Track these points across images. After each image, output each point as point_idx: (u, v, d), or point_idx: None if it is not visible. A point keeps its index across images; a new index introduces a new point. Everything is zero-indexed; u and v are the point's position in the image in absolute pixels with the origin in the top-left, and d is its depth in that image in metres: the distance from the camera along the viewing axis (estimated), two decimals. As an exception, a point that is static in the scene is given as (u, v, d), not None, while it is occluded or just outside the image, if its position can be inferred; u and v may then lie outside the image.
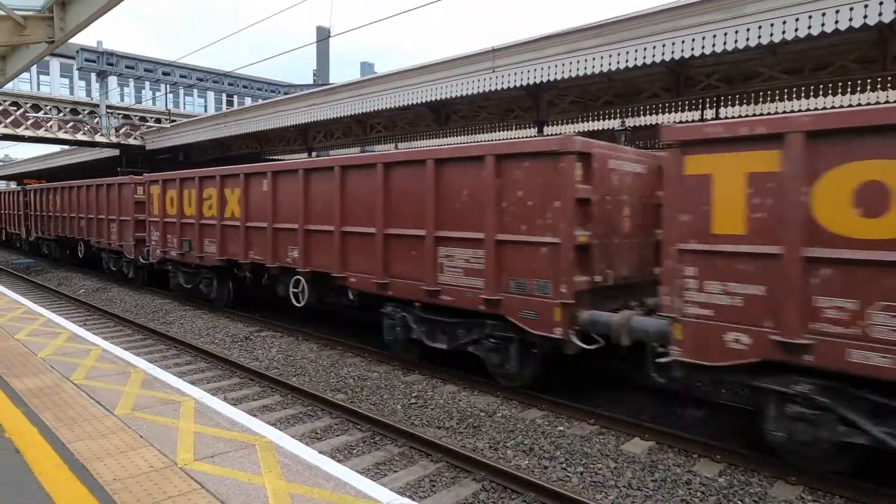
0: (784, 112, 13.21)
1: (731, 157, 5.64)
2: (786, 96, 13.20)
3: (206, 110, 50.22)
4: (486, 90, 12.92)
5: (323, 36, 45.06)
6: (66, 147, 33.85)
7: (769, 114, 13.44)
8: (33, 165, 45.38)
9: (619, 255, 7.69)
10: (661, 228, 6.17)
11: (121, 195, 17.38)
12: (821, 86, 12.32)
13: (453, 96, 13.68)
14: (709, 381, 7.04)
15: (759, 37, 8.90)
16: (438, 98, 13.99)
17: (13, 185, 40.32)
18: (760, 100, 13.53)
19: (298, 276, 10.99)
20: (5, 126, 23.73)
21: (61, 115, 25.20)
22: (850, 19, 8.06)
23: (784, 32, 8.65)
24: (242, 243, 12.26)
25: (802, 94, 13.04)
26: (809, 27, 8.41)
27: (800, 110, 12.97)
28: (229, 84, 29.18)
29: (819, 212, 5.18)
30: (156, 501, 3.55)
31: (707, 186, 5.78)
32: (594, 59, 10.94)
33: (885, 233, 4.83)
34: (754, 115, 13.73)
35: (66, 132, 25.37)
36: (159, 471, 3.96)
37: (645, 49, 10.23)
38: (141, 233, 16.24)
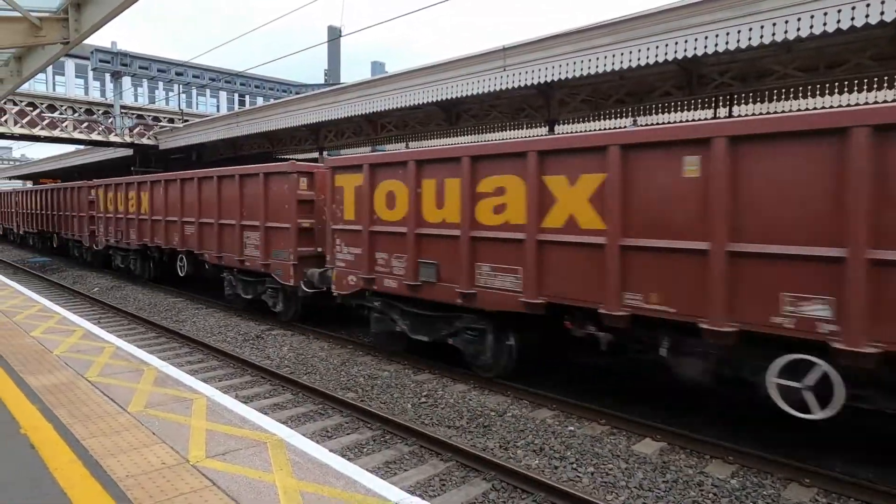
0: (800, 110, 13.06)
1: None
2: (800, 94, 13.04)
3: (218, 110, 50.58)
4: (497, 89, 12.89)
5: (334, 35, 45.20)
6: (81, 147, 34.25)
7: (785, 111, 13.30)
8: (49, 165, 45.97)
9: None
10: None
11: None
12: (836, 83, 12.16)
13: (464, 95, 13.67)
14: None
15: (774, 34, 8.80)
16: (449, 97, 13.99)
17: (29, 184, 40.91)
18: (775, 98, 13.37)
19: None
20: (22, 126, 24.04)
21: (76, 115, 25.49)
22: (867, 16, 7.94)
23: (799, 29, 8.55)
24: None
25: (818, 92, 12.87)
26: (825, 24, 8.30)
27: (815, 108, 12.80)
28: (241, 84, 29.36)
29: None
30: (168, 498, 3.58)
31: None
32: (605, 57, 10.88)
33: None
34: (768, 112, 13.58)
35: (81, 132, 25.66)
36: (171, 468, 3.99)
37: (657, 47, 10.16)
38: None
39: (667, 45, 10.03)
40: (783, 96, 13.24)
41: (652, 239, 6.22)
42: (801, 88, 12.80)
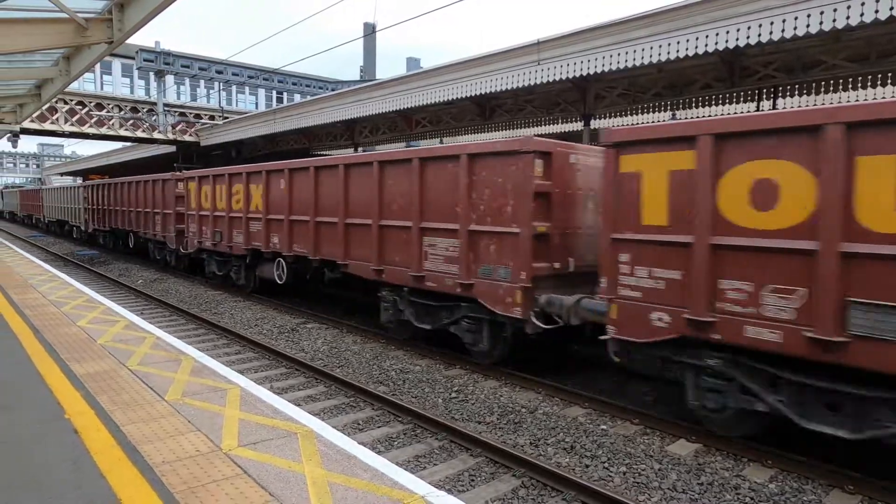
0: (848, 101, 12.52)
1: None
2: (850, 86, 12.51)
3: (256, 107, 51.56)
4: (531, 83, 12.76)
5: (369, 32, 45.50)
6: (127, 144, 35.44)
7: (830, 104, 12.78)
8: (96, 162, 47.73)
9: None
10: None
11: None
12: (889, 74, 11.62)
13: (498, 90, 13.59)
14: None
15: (822, 23, 8.45)
16: (483, 92, 13.92)
17: (79, 181, 42.26)
18: (822, 90, 12.86)
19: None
20: (71, 124, 25.01)
21: (122, 113, 26.36)
22: (923, 2, 7.56)
23: (848, 17, 8.19)
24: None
25: (868, 84, 12.32)
26: (877, 11, 7.93)
27: (865, 99, 12.26)
28: (279, 81, 29.84)
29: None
30: (201, 484, 3.67)
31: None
32: (644, 49, 10.65)
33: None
34: (814, 104, 13.08)
35: (126, 130, 26.55)
36: (205, 455, 4.09)
37: (697, 38, 9.88)
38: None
39: (707, 37, 9.74)
40: (831, 88, 12.72)
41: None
42: (850, 80, 12.27)
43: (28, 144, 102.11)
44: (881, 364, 4.84)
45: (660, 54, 10.40)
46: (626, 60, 10.90)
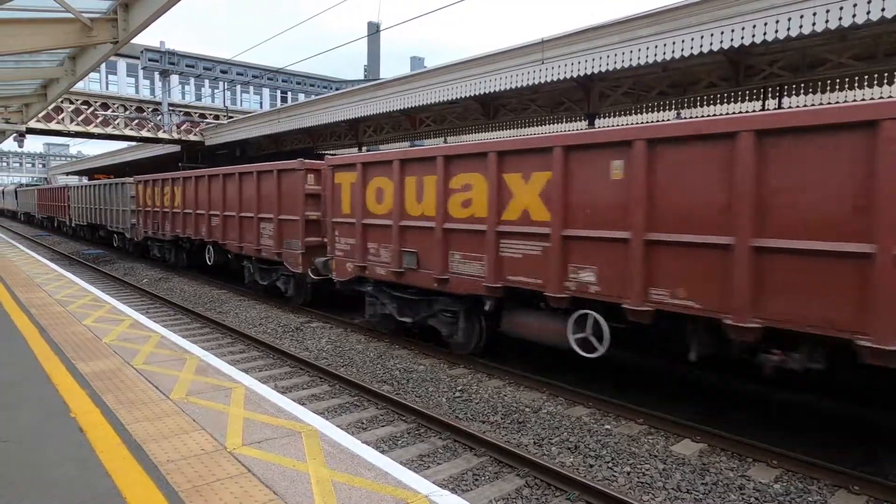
0: (855, 100, 12.46)
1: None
2: (856, 84, 12.44)
3: (261, 106, 51.64)
4: (536, 82, 12.75)
5: (373, 31, 45.52)
6: (132, 144, 35.58)
7: (840, 102, 12.71)
8: (102, 161, 47.93)
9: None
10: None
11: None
12: (895, 73, 11.55)
13: (502, 89, 13.58)
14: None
15: (828, 21, 8.42)
16: (487, 91, 13.92)
17: (85, 180, 42.34)
18: (828, 88, 12.79)
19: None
20: (77, 124, 25.13)
21: (127, 112, 26.46)
22: (930, -1, 7.51)
23: (855, 16, 8.15)
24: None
25: (875, 82, 12.26)
26: (883, 9, 7.89)
27: (871, 98, 12.19)
28: (283, 81, 29.91)
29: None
30: (205, 483, 3.68)
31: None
32: (648, 48, 10.62)
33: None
34: (820, 104, 13.01)
35: (132, 129, 26.66)
36: (210, 454, 4.10)
37: (702, 37, 9.85)
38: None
39: (713, 35, 9.71)
40: (837, 87, 12.65)
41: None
42: (856, 78, 12.21)
43: (34, 144, 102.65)
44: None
45: (664, 53, 10.37)
46: (631, 59, 10.88)
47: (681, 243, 6.07)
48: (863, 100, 12.38)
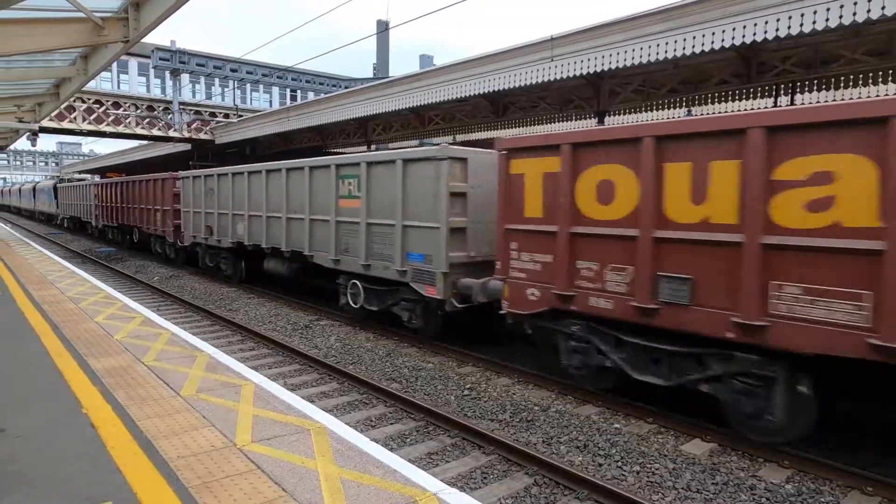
0: (868, 97, 12.31)
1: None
2: (870, 80, 12.28)
3: (271, 105, 51.86)
4: (545, 80, 12.69)
5: (382, 29, 45.56)
6: (143, 142, 35.85)
7: (853, 99, 12.57)
8: (114, 160, 48.33)
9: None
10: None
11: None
12: (911, 68, 11.40)
13: (511, 87, 13.53)
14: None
15: (841, 16, 8.30)
16: (496, 89, 13.87)
17: (96, 178, 42.43)
18: (842, 85, 12.64)
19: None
20: (89, 123, 25.34)
21: (139, 111, 26.66)
22: (947, -6, 7.39)
23: (869, 11, 8.03)
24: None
25: (890, 79, 12.10)
26: (899, 4, 7.76)
27: (886, 94, 12.04)
28: (293, 79, 29.99)
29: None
30: (215, 479, 3.70)
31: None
32: (659, 44, 10.53)
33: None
34: (833, 100, 12.87)
35: (143, 128, 26.84)
36: (219, 450, 4.12)
37: (713, 33, 9.75)
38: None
39: (724, 31, 9.62)
40: (851, 83, 12.50)
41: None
42: (871, 74, 12.06)
43: (47, 143, 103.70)
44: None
45: (675, 50, 10.28)
46: (641, 56, 10.79)
47: None
48: (877, 96, 12.23)
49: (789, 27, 8.83)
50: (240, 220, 15.19)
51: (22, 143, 26.75)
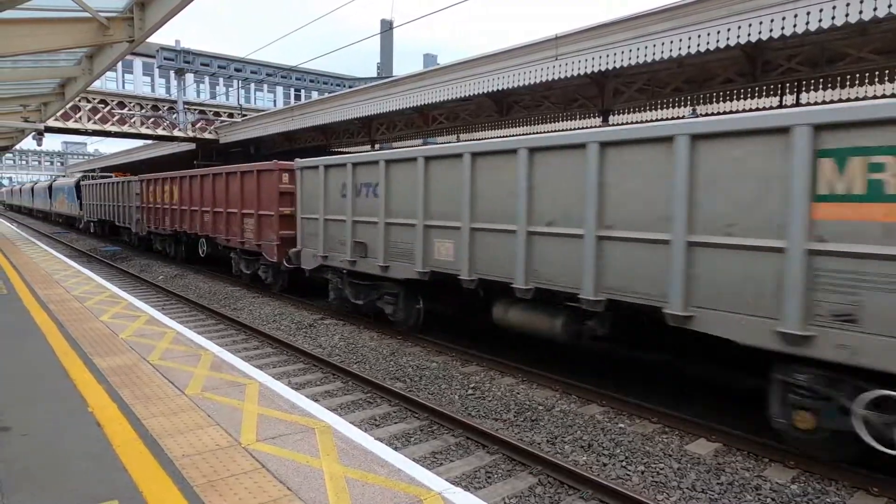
0: (875, 96, 12.24)
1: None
2: (876, 79, 12.22)
3: (275, 104, 51.95)
4: (549, 79, 12.68)
5: (386, 28, 45.56)
6: (148, 142, 35.96)
7: (859, 98, 12.51)
8: (119, 159, 48.49)
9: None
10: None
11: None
12: (918, 67, 11.33)
13: (515, 86, 13.52)
14: None
15: (847, 15, 8.26)
16: (500, 88, 13.87)
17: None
18: (847, 83, 12.59)
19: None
20: (94, 122, 25.44)
21: (143, 111, 26.74)
22: (954, -8, 7.34)
23: (876, 9, 7.99)
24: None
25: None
26: (905, 2, 7.72)
27: (892, 94, 11.97)
28: (297, 79, 30.01)
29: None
30: (220, 478, 3.71)
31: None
32: (664, 43, 10.51)
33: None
34: (839, 99, 12.80)
35: (147, 127, 26.93)
36: (224, 449, 4.13)
37: (718, 32, 9.73)
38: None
39: (729, 30, 9.58)
40: (857, 82, 12.44)
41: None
42: (877, 73, 12.00)
43: (52, 143, 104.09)
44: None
45: (680, 48, 10.26)
46: (646, 55, 10.77)
47: None
48: (883, 96, 12.16)
49: (795, 25, 8.80)
50: (443, 236, 9.17)
51: (27, 143, 26.80)
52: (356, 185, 10.97)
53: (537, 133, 16.11)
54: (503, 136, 12.88)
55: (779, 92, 13.54)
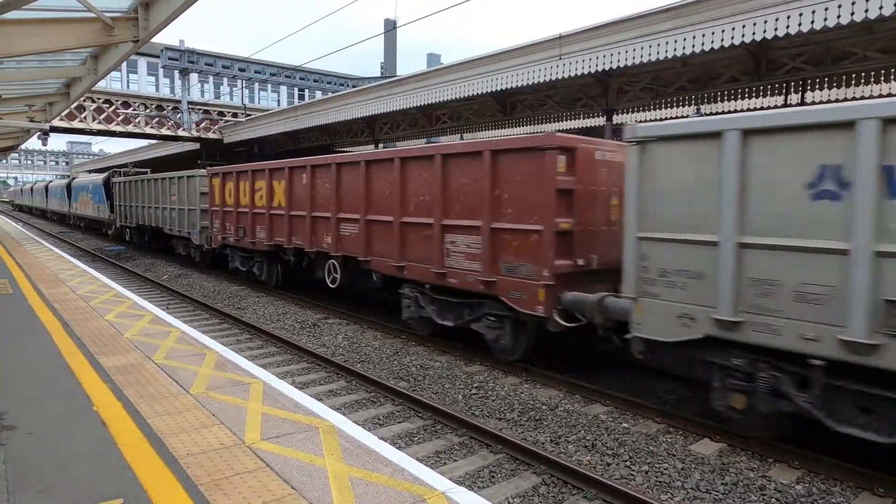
0: (881, 95, 12.19)
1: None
2: (882, 78, 12.17)
3: (279, 104, 51.97)
4: (553, 78, 12.66)
5: (390, 28, 45.59)
6: (153, 141, 36.07)
7: (864, 97, 12.45)
8: (124, 159, 48.65)
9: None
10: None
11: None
12: (924, 65, 11.28)
13: (518, 85, 13.50)
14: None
15: (853, 13, 8.23)
16: (503, 88, 13.86)
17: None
18: (853, 82, 12.54)
19: None
20: (99, 122, 25.54)
21: (148, 111, 26.82)
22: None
23: (881, 7, 7.96)
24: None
25: (902, 75, 11.99)
26: (912, 1, 7.68)
27: (898, 93, 11.92)
28: (300, 79, 30.08)
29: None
30: (224, 477, 3.72)
31: None
32: (668, 42, 10.49)
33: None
34: (844, 98, 12.75)
35: (152, 127, 27.01)
36: (228, 448, 4.14)
37: (723, 31, 9.70)
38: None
39: (734, 29, 9.56)
40: (862, 80, 12.39)
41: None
42: (882, 72, 11.95)
43: (57, 142, 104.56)
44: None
45: (684, 47, 10.23)
46: (650, 54, 10.74)
47: None
48: (889, 95, 12.11)
49: (800, 24, 8.77)
50: None
51: (32, 143, 26.86)
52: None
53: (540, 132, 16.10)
54: (508, 136, 12.60)
55: (783, 91, 13.50)
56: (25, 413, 4.73)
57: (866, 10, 8.06)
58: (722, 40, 9.70)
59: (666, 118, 16.03)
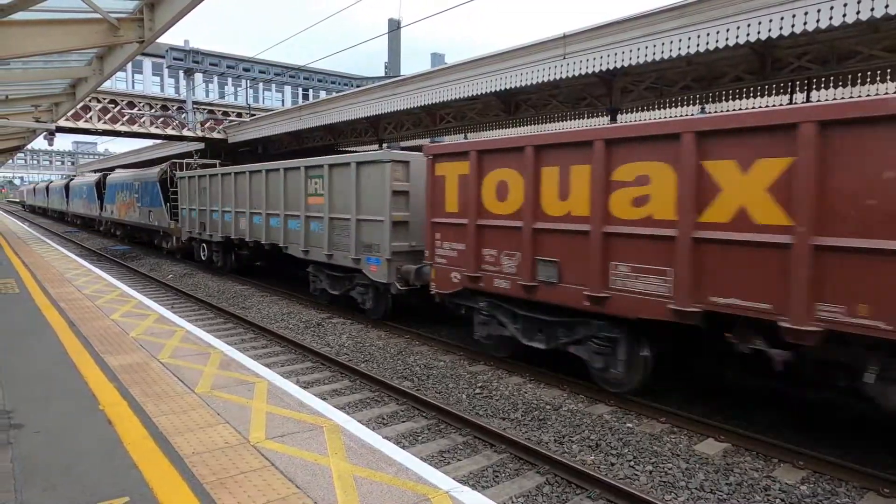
0: (886, 93, 12.12)
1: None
2: (888, 77, 12.10)
3: (283, 104, 52.12)
4: (557, 78, 12.63)
5: (394, 28, 45.62)
6: (157, 141, 36.20)
7: (870, 96, 12.39)
8: (129, 158, 48.83)
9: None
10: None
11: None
12: (930, 64, 11.21)
13: (523, 85, 13.48)
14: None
15: (858, 12, 8.18)
16: (507, 87, 13.84)
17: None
18: (858, 81, 12.46)
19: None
20: (104, 122, 25.63)
21: (153, 111, 26.91)
22: (968, -12, 7.25)
23: (887, 6, 7.91)
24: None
25: (908, 74, 11.91)
26: (918, -1, 7.64)
27: (904, 92, 11.85)
28: (305, 78, 30.11)
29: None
30: (229, 476, 3.74)
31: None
32: (673, 41, 10.45)
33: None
34: (851, 97, 12.69)
35: (157, 127, 27.08)
36: (233, 447, 4.16)
37: (728, 30, 9.66)
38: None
39: (738, 28, 9.52)
40: (868, 79, 12.32)
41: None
42: (889, 71, 11.88)
43: (63, 142, 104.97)
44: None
45: (689, 47, 10.19)
46: (655, 53, 10.71)
47: None
48: (895, 93, 12.05)
49: (805, 23, 8.72)
50: None
51: (38, 143, 26.92)
52: None
53: (543, 132, 16.07)
54: (510, 135, 12.68)
55: (788, 90, 13.44)
56: (33, 412, 4.77)
57: (872, 9, 8.02)
58: (727, 39, 9.66)
59: (670, 117, 15.97)
